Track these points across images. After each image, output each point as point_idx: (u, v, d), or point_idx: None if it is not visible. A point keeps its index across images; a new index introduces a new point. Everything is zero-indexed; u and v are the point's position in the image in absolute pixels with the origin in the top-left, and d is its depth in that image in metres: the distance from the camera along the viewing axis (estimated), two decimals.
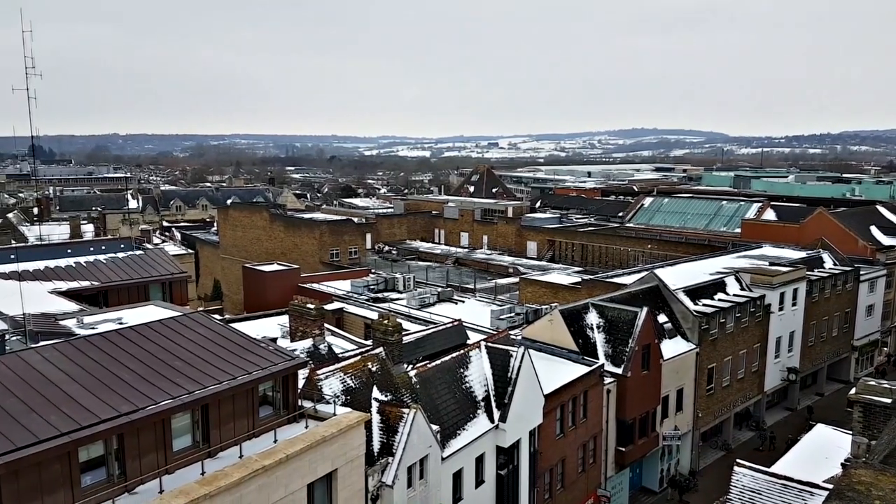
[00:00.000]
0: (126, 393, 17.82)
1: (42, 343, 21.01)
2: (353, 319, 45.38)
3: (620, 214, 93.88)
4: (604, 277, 51.13)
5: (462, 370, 28.75)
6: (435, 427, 24.80)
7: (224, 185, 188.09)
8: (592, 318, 38.32)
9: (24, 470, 15.06)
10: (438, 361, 28.22)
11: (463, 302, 49.35)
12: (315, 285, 52.35)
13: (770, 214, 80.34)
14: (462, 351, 29.65)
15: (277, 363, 20.87)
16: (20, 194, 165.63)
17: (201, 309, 31.41)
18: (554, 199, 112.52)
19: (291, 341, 30.18)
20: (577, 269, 68.15)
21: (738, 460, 21.30)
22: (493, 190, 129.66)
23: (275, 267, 53.40)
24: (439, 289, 51.13)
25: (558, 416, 32.46)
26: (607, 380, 35.77)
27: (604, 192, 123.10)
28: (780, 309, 48.90)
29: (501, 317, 42.56)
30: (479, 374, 29.10)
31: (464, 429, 27.12)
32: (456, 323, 35.57)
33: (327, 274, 58.21)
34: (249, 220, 76.76)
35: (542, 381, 30.16)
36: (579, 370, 34.26)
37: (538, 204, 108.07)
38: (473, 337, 34.63)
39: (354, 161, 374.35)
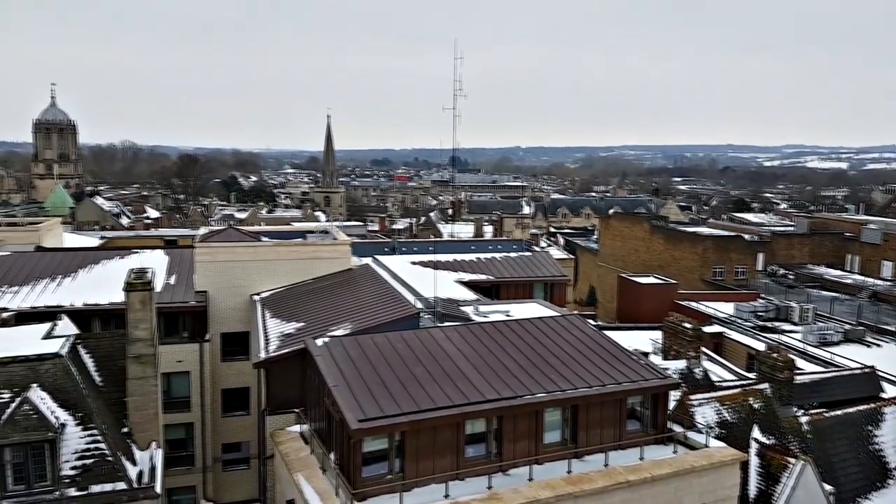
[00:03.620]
0: (507, 379, 19.41)
1: (446, 324, 24.35)
2: (733, 346, 41.87)
3: None
4: None
5: (871, 428, 23.91)
6: (828, 487, 21.04)
7: (608, 195, 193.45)
8: None
9: (424, 430, 17.58)
10: (840, 412, 24.00)
11: (878, 346, 41.02)
12: (693, 304, 49.71)
13: None
14: (873, 405, 24.71)
15: (648, 379, 20.33)
16: (440, 197, 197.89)
17: (576, 312, 32.49)
18: None
19: (664, 359, 29.22)
20: None
21: None
22: None
23: (651, 280, 52.33)
24: (847, 326, 43.40)
25: None
26: None
27: None
28: None
29: None
30: (894, 436, 23.73)
31: (867, 498, 22.54)
32: (867, 370, 29.73)
33: (708, 293, 54.88)
34: (629, 230, 76.89)
35: None
36: None
37: None
38: (890, 390, 28.54)
39: (750, 172, 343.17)
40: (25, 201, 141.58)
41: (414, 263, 37.51)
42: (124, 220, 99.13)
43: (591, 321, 26.87)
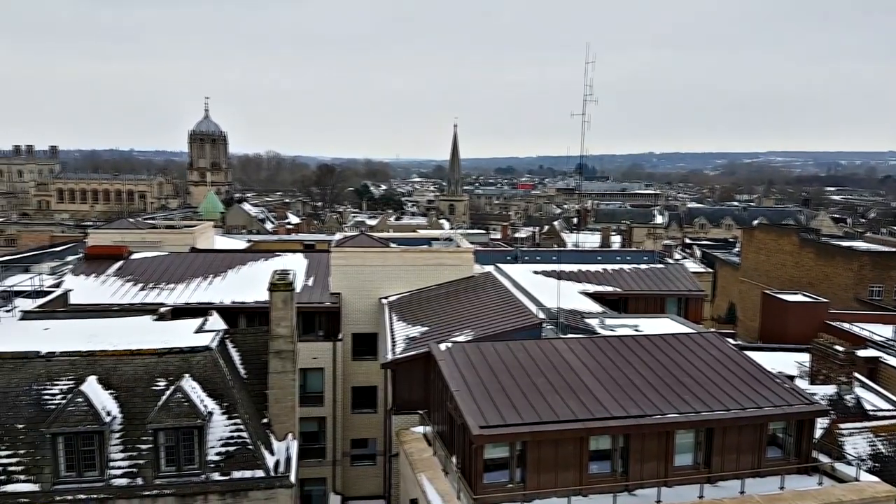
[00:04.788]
0: (635, 396, 18.71)
1: (569, 336, 23.87)
2: (891, 373, 37.63)
3: None
4: None
5: None
6: None
7: (752, 204, 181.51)
8: None
9: (545, 442, 17.36)
10: None
11: None
12: (845, 325, 45.38)
13: None
14: None
15: (793, 404, 18.93)
16: (565, 206, 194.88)
17: (713, 330, 30.66)
18: None
19: (810, 383, 27.04)
20: None
21: None
22: None
23: (799, 297, 48.40)
24: None
25: None
26: None
27: None
28: None
29: None
30: None
31: None
32: None
33: (863, 314, 49.80)
34: (775, 243, 71.63)
35: None
36: None
37: None
38: None
39: None
40: (182, 206, 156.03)
41: (536, 273, 37.17)
42: (268, 225, 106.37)
43: (729, 340, 25.29)
